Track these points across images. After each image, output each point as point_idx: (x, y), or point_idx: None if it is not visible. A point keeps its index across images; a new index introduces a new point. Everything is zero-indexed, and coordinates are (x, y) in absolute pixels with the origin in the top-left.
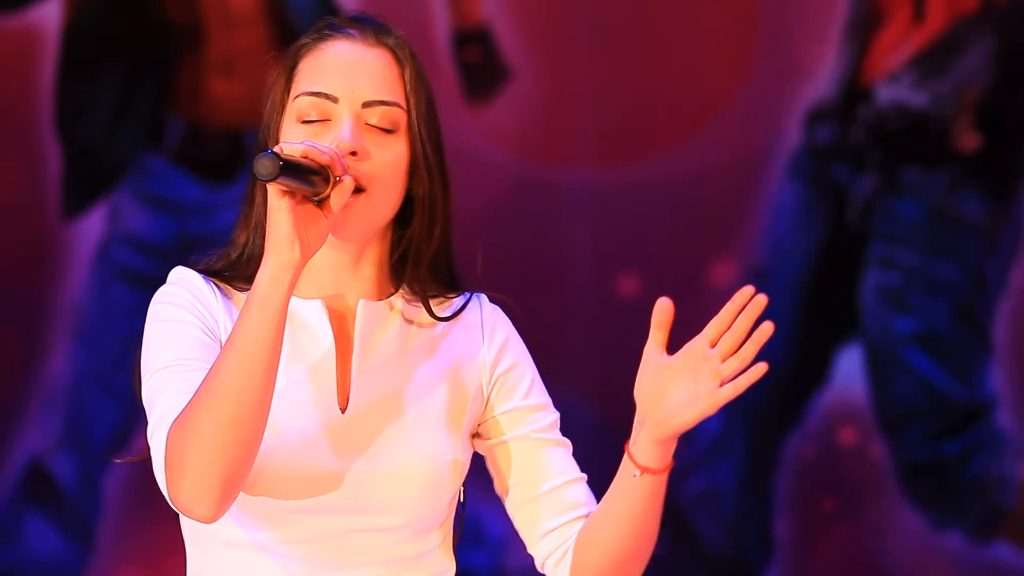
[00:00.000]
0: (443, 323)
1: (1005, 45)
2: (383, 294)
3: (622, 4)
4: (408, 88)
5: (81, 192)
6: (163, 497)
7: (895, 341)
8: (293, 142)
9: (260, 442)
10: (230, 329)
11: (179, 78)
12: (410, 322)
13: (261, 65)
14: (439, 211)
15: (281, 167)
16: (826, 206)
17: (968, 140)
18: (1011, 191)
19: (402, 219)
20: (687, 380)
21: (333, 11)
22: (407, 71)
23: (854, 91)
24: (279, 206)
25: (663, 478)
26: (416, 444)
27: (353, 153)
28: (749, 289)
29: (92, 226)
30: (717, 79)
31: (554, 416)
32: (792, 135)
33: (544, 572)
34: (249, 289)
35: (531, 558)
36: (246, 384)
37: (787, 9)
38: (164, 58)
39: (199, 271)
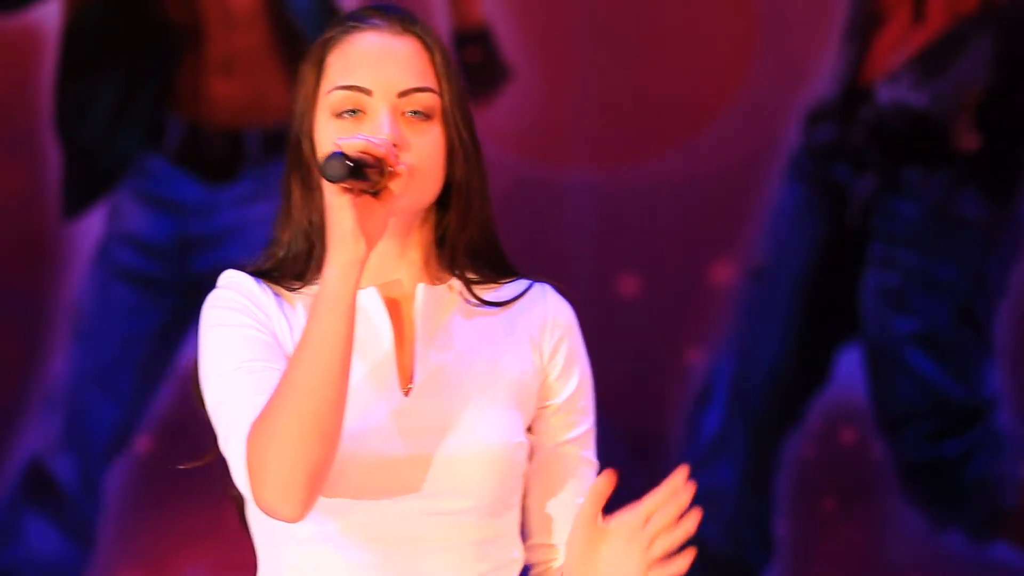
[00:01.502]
0: (505, 308)
1: (1005, 45)
2: (437, 279)
3: (622, 4)
4: (439, 73)
5: (81, 192)
6: (162, 498)
7: (895, 341)
8: (348, 138)
9: (339, 438)
10: (285, 325)
11: (179, 78)
12: (469, 307)
13: (261, 65)
14: (475, 194)
15: (350, 169)
16: (826, 206)
17: (968, 140)
18: (1011, 191)
19: (443, 205)
20: (618, 551)
21: (333, 11)
22: (436, 56)
23: (854, 91)
24: (340, 203)
25: None
26: (482, 425)
27: (394, 145)
28: (683, 472)
29: (92, 226)
30: (717, 79)
31: (587, 426)
32: (792, 135)
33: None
34: (299, 286)
35: None
36: (324, 381)
37: (787, 9)
38: (164, 58)
39: (249, 272)
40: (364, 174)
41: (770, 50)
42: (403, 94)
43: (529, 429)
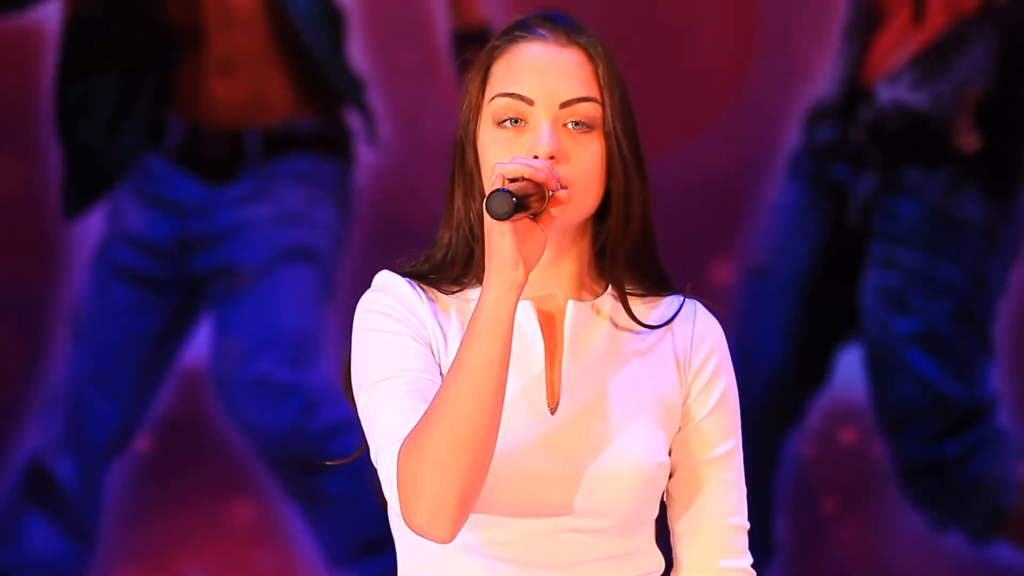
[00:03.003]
0: (655, 330)
1: (1005, 45)
2: (590, 292)
3: (622, 4)
4: (602, 84)
5: (81, 192)
6: (162, 498)
7: (895, 341)
8: (507, 163)
9: (490, 462)
10: (439, 333)
11: (179, 78)
12: (617, 325)
13: (261, 65)
14: (636, 206)
15: (515, 205)
16: (826, 206)
17: (968, 140)
18: (1011, 191)
19: (602, 215)
20: None
21: (333, 11)
22: (601, 68)
23: (854, 91)
24: (501, 229)
25: None
26: (626, 444)
27: (552, 157)
28: None
29: (92, 226)
30: (717, 79)
31: (731, 445)
32: (792, 135)
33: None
34: (455, 291)
35: None
36: (478, 406)
37: (787, 9)
38: (164, 58)
39: (405, 275)
40: (526, 204)
41: (770, 50)
42: (565, 105)
43: (669, 452)
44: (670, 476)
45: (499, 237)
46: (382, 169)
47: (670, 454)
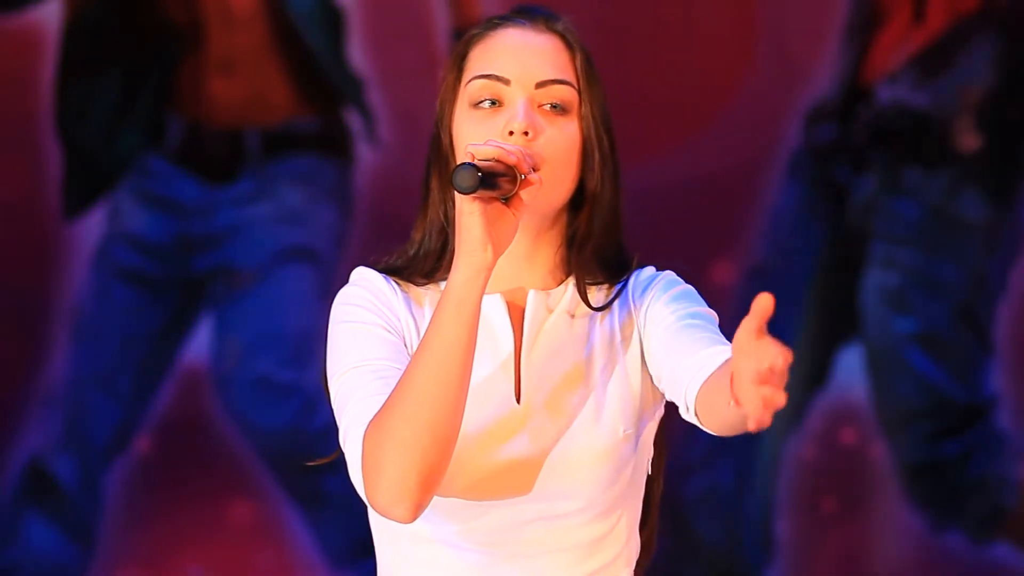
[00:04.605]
0: (606, 311)
1: (1005, 45)
2: (556, 282)
3: (622, 4)
4: (579, 71)
5: (81, 192)
6: (162, 498)
7: (895, 341)
8: (480, 144)
9: (455, 443)
10: (412, 325)
11: (179, 78)
12: (576, 313)
13: (261, 65)
14: (608, 199)
15: (480, 179)
16: (826, 206)
17: (968, 140)
18: (1011, 191)
19: (575, 208)
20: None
21: (333, 11)
22: (578, 55)
23: (854, 91)
24: (470, 209)
25: None
26: (588, 425)
27: (526, 133)
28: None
29: (92, 226)
30: (717, 79)
31: (695, 308)
32: (792, 135)
33: (684, 412)
34: (428, 283)
35: None
36: (442, 386)
37: (787, 9)
38: (164, 58)
39: (379, 270)
40: (495, 183)
41: (770, 50)
42: (540, 85)
43: (645, 365)
44: (653, 357)
45: (468, 217)
46: (382, 169)
47: (646, 366)
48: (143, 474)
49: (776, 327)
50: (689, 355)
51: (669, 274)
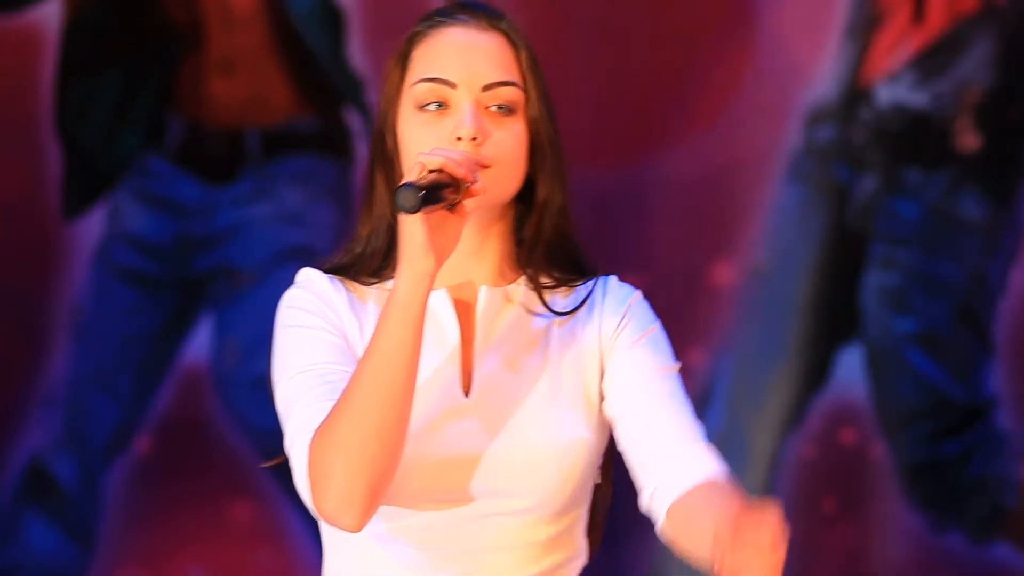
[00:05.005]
0: (569, 317)
1: (1005, 45)
2: (507, 280)
3: (622, 4)
4: (524, 69)
5: (81, 192)
6: (162, 498)
7: (895, 341)
8: (429, 155)
9: (402, 449)
10: (355, 326)
11: (179, 78)
12: (531, 311)
13: (261, 65)
14: (557, 192)
15: (422, 199)
16: (826, 206)
17: (968, 140)
18: (1011, 191)
19: (525, 205)
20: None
21: (333, 11)
22: (522, 53)
23: (854, 91)
24: (412, 218)
25: None
26: (542, 424)
27: (474, 139)
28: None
29: (92, 226)
30: (717, 79)
31: (669, 366)
32: (792, 135)
33: (648, 503)
34: (374, 282)
35: None
36: (388, 392)
37: (787, 9)
38: (164, 58)
39: (325, 270)
40: (439, 196)
41: (770, 50)
42: (487, 88)
43: (602, 400)
44: (613, 428)
45: (410, 226)
46: None
47: (603, 401)
48: (143, 474)
49: (776, 327)
50: (664, 445)
51: (640, 302)
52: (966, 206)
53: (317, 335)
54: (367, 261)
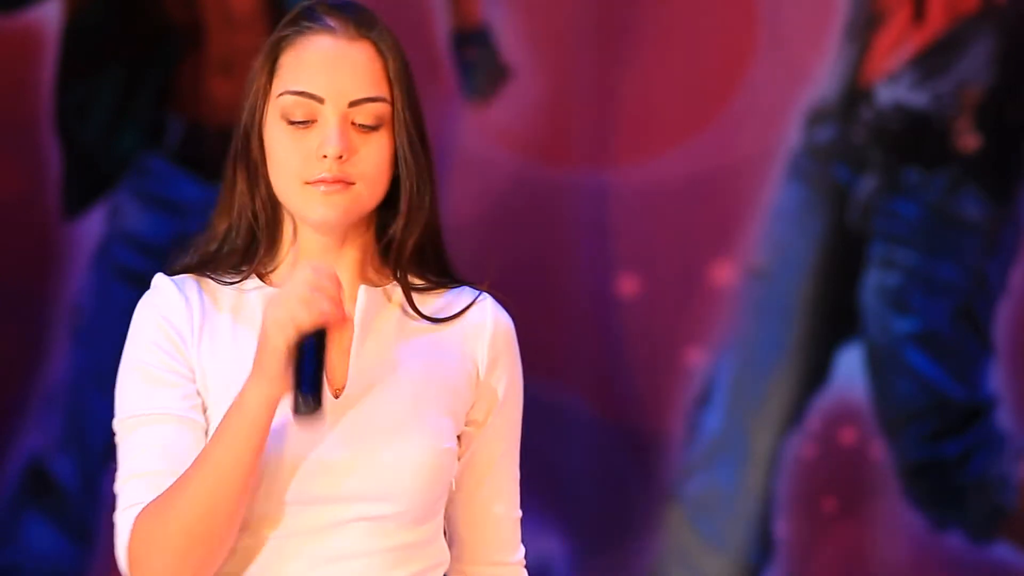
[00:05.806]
0: (444, 324)
1: (1005, 45)
2: (376, 280)
3: (622, 4)
4: (392, 80)
5: (81, 192)
6: None
7: (895, 341)
8: (304, 314)
9: (231, 544)
10: (198, 331)
11: (179, 78)
12: (408, 313)
13: None
14: (424, 198)
15: (318, 397)
16: (826, 206)
17: (968, 140)
18: (1011, 191)
19: (389, 206)
20: None
21: None
22: (390, 63)
23: (854, 91)
24: (274, 346)
25: None
26: (414, 431)
27: (340, 157)
28: None
29: (92, 226)
30: (717, 79)
31: (514, 439)
32: (792, 135)
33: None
34: (234, 281)
35: None
36: (221, 500)
37: (787, 9)
38: (164, 58)
39: (178, 271)
40: (322, 366)
41: (770, 50)
42: (354, 104)
43: (458, 439)
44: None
45: (270, 354)
46: None
47: (459, 441)
48: None
49: (776, 327)
50: (487, 538)
51: (515, 340)
52: (966, 206)
53: (159, 376)
54: (225, 259)
